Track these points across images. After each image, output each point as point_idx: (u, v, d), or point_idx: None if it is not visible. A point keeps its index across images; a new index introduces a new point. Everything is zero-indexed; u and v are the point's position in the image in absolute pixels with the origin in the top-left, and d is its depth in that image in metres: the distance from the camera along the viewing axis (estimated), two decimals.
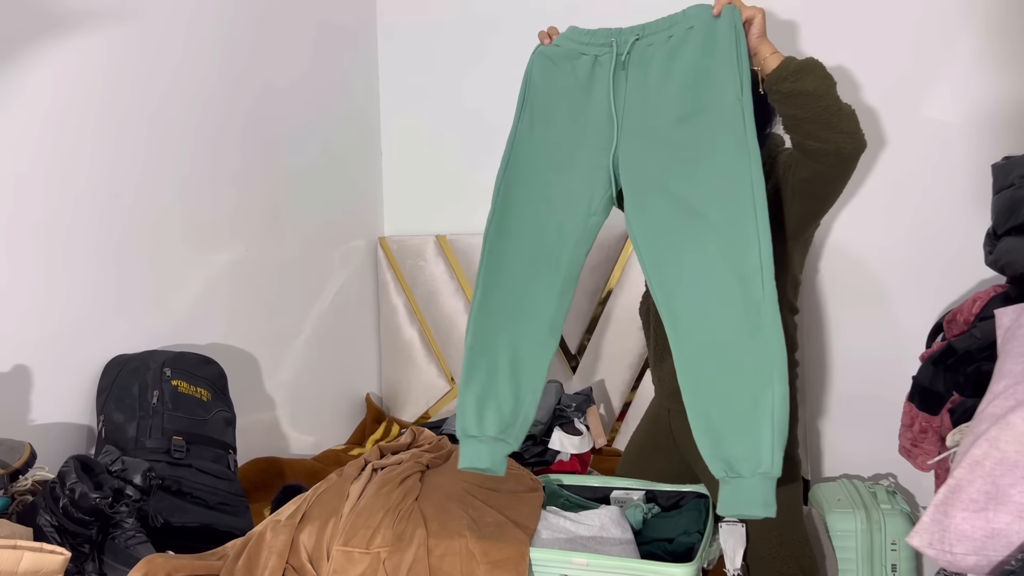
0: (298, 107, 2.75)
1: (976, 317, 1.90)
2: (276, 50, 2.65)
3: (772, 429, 1.51)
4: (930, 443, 1.98)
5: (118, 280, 2.10)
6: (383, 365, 3.19)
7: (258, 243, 2.57)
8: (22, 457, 1.67)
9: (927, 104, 2.49)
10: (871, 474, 2.55)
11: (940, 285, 2.46)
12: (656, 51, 1.74)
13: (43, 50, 1.90)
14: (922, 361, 2.02)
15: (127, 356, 2.06)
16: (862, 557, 2.15)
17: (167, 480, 1.90)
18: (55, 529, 1.59)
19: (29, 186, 1.88)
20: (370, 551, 1.71)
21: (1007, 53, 2.40)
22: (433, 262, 3.08)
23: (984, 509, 1.21)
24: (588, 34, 1.85)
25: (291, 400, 2.69)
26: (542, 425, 2.38)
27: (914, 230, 2.51)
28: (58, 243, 1.95)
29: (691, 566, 1.66)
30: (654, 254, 1.67)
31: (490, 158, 3.07)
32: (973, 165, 2.39)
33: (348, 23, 3.05)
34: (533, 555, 1.71)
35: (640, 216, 1.69)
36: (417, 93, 3.14)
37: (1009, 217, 1.87)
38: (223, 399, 2.19)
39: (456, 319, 3.05)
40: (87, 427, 2.02)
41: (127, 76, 2.11)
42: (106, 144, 2.06)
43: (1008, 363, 1.45)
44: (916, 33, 2.49)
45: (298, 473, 2.44)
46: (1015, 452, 1.23)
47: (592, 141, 1.76)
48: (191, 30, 2.31)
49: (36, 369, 1.89)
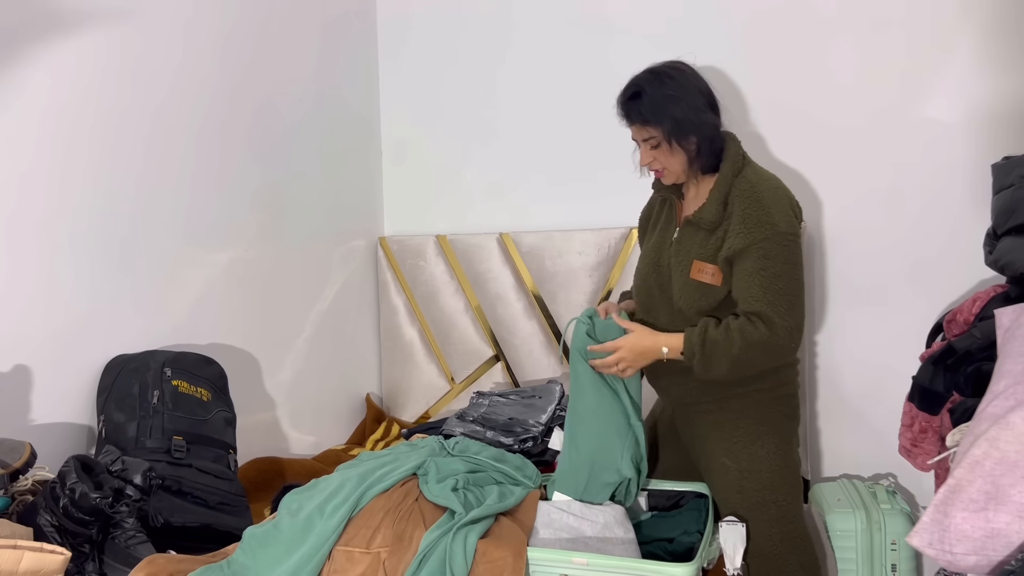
0: (298, 107, 2.75)
1: (976, 317, 1.90)
2: (277, 51, 2.65)
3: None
4: (930, 443, 1.98)
5: (118, 280, 2.10)
6: (383, 365, 3.19)
7: (258, 243, 2.57)
8: (22, 457, 1.67)
9: (927, 104, 2.49)
10: (871, 474, 2.55)
11: (940, 285, 2.46)
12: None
13: (45, 50, 1.90)
14: (922, 361, 2.02)
15: (127, 356, 2.06)
16: (862, 557, 2.15)
17: (167, 480, 1.90)
18: (55, 529, 1.59)
19: (30, 186, 1.88)
20: (370, 551, 1.71)
21: (1006, 53, 2.40)
22: (433, 262, 3.08)
23: (984, 509, 1.21)
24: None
25: (291, 400, 2.69)
26: (542, 425, 2.39)
27: (914, 230, 2.51)
28: (58, 244, 1.95)
29: (691, 566, 1.66)
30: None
31: (490, 158, 3.10)
32: (973, 165, 2.39)
33: (349, 24, 3.04)
34: (533, 555, 1.71)
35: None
36: (417, 93, 3.14)
37: (1009, 217, 1.87)
38: (223, 399, 2.19)
39: (456, 319, 3.05)
40: (87, 427, 2.02)
41: (128, 76, 2.11)
42: (106, 144, 2.06)
43: (1008, 363, 1.45)
44: (916, 33, 2.49)
45: (298, 473, 2.43)
46: (1015, 452, 1.23)
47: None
48: (192, 31, 2.31)
49: (36, 369, 1.89)
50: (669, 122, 1.86)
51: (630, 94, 1.90)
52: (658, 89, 1.87)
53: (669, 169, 1.93)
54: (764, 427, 1.95)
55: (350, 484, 1.83)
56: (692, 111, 1.87)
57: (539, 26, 2.93)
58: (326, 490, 1.83)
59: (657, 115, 1.86)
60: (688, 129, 1.87)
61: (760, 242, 1.81)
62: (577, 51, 2.87)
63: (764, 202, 1.84)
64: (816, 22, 2.58)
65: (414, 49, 3.13)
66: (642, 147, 1.93)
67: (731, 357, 1.80)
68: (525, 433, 2.34)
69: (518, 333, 2.97)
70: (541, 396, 2.58)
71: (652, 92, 1.87)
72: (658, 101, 1.86)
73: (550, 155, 2.93)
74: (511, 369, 2.99)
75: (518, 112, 2.98)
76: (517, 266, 2.96)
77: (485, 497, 1.85)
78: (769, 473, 1.93)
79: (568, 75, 2.89)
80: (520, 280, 2.96)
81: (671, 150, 1.89)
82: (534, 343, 2.95)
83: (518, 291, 2.97)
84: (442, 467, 1.93)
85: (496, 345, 3.01)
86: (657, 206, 2.12)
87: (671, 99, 1.86)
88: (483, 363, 3.04)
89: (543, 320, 2.94)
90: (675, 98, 1.86)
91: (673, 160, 1.91)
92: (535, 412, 2.48)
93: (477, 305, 3.02)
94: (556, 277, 2.90)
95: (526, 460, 2.11)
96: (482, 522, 1.76)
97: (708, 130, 1.89)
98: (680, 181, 1.97)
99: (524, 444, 2.30)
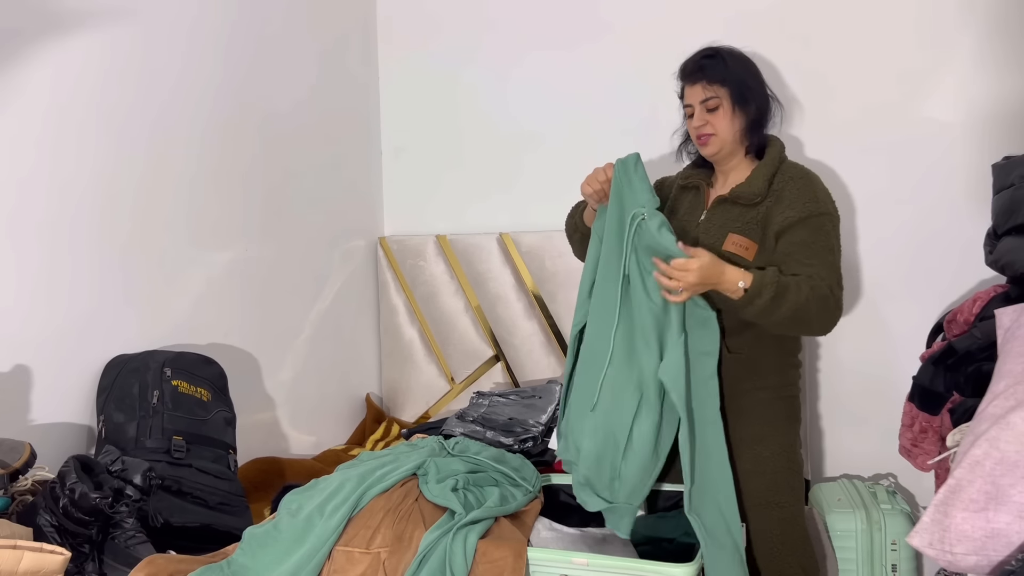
0: (299, 107, 2.75)
1: (976, 317, 1.90)
2: (278, 52, 2.65)
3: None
4: (930, 443, 1.98)
5: (119, 280, 2.10)
6: (383, 365, 3.19)
7: (258, 243, 2.57)
8: (22, 457, 1.67)
9: (927, 104, 2.49)
10: (871, 474, 2.55)
11: (940, 285, 2.46)
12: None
13: (45, 50, 1.90)
14: (922, 361, 2.02)
15: (127, 356, 2.06)
16: (862, 557, 2.15)
17: (167, 480, 1.90)
18: (55, 529, 1.59)
19: (31, 187, 1.88)
20: (370, 551, 1.71)
21: (1007, 53, 2.40)
22: (433, 262, 3.08)
23: (984, 509, 1.21)
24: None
25: (291, 400, 2.69)
26: (542, 425, 2.39)
27: (914, 230, 2.51)
28: (59, 244, 1.95)
29: (691, 566, 1.66)
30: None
31: (489, 158, 3.10)
32: (973, 165, 2.39)
33: (349, 24, 3.04)
34: (533, 555, 1.71)
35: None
36: (417, 93, 3.14)
37: (1009, 217, 1.87)
38: (223, 399, 2.19)
39: (456, 319, 3.05)
40: (87, 427, 2.02)
41: (129, 77, 2.11)
42: (107, 145, 2.06)
43: (1008, 363, 1.45)
44: (916, 33, 2.49)
45: (298, 473, 2.43)
46: (1015, 452, 1.23)
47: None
48: (193, 31, 2.31)
49: (36, 369, 1.89)
50: (737, 84, 1.95)
51: (706, 54, 1.98)
52: (731, 56, 1.98)
53: (720, 135, 1.96)
54: (768, 428, 1.95)
55: (350, 484, 1.83)
56: (757, 83, 1.99)
57: (539, 26, 2.93)
58: (326, 490, 1.83)
59: (729, 74, 1.95)
60: (752, 97, 1.96)
61: (816, 216, 1.89)
62: (577, 51, 2.87)
63: (816, 184, 1.95)
64: (815, 22, 2.58)
65: (414, 49, 3.13)
66: (697, 110, 1.97)
67: (796, 304, 1.79)
68: (525, 433, 2.34)
69: (518, 333, 2.97)
70: (541, 396, 2.58)
71: (726, 55, 1.97)
72: (732, 63, 1.97)
73: (550, 155, 2.93)
74: (511, 369, 2.99)
75: (518, 112, 2.98)
76: (517, 266, 2.96)
77: (485, 497, 1.85)
78: (772, 474, 1.93)
79: (568, 75, 2.89)
80: (520, 280, 2.96)
81: (731, 114, 1.95)
82: (534, 343, 2.95)
83: (518, 291, 2.97)
84: (442, 467, 1.93)
85: (496, 345, 3.01)
86: (676, 192, 2.13)
87: (743, 66, 1.98)
88: (483, 363, 3.04)
89: (543, 320, 2.94)
90: (746, 67, 1.99)
91: (727, 125, 1.96)
92: (535, 412, 2.48)
93: (477, 305, 3.02)
94: (556, 277, 2.90)
95: (526, 460, 2.11)
96: (482, 522, 1.76)
97: (766, 105, 2.00)
98: (722, 152, 1.99)
99: (524, 444, 2.30)
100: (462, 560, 1.65)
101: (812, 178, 1.96)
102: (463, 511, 1.75)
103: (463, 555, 1.66)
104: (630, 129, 2.76)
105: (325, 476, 1.93)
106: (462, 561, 1.65)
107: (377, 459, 2.00)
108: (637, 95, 2.77)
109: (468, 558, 1.66)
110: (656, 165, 2.34)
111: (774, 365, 1.98)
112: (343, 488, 1.83)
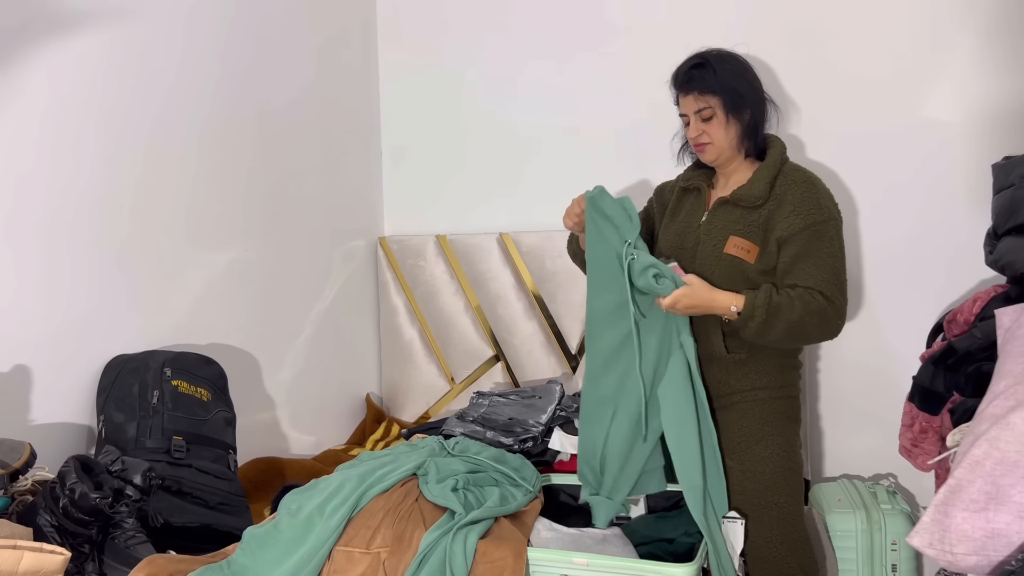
0: (299, 107, 2.75)
1: (976, 317, 1.90)
2: (277, 51, 2.65)
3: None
4: (930, 443, 1.98)
5: (118, 281, 2.10)
6: (383, 365, 3.19)
7: (258, 243, 2.57)
8: (22, 457, 1.67)
9: (927, 104, 2.49)
10: (871, 474, 2.55)
11: (940, 285, 2.46)
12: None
13: (45, 50, 1.90)
14: (922, 361, 2.02)
15: (127, 356, 2.06)
16: (862, 557, 2.15)
17: (167, 480, 1.90)
18: (55, 529, 1.59)
19: (30, 186, 1.88)
20: (370, 551, 1.71)
21: (1007, 53, 2.40)
22: (433, 262, 3.08)
23: (984, 509, 1.21)
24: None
25: (291, 400, 2.69)
26: (542, 425, 2.39)
27: (914, 230, 2.51)
28: (59, 244, 1.95)
29: (691, 566, 1.66)
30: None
31: (489, 158, 3.09)
32: (973, 165, 2.39)
33: (349, 24, 3.04)
34: (533, 555, 1.71)
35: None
36: (417, 94, 3.14)
37: (1009, 217, 1.87)
38: (223, 399, 2.19)
39: (456, 319, 3.05)
40: (87, 427, 2.02)
41: (129, 77, 2.11)
42: (107, 144, 2.06)
43: (1008, 363, 1.45)
44: (916, 33, 2.49)
45: (298, 473, 2.43)
46: (1015, 452, 1.23)
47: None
48: (192, 31, 2.31)
49: (36, 369, 1.89)
50: (729, 93, 1.93)
51: (694, 63, 1.97)
52: (721, 63, 1.96)
53: (716, 143, 1.96)
54: (768, 428, 1.95)
55: (350, 484, 1.83)
56: (750, 88, 1.97)
57: (539, 26, 2.93)
58: (326, 490, 1.83)
59: (720, 83, 1.93)
60: (745, 104, 1.95)
61: (819, 224, 1.89)
62: (577, 51, 2.87)
63: (819, 188, 1.94)
64: (814, 22, 2.58)
65: (414, 49, 3.13)
66: (692, 120, 1.98)
67: (790, 323, 1.82)
68: (525, 433, 2.34)
69: (518, 333, 2.97)
70: (541, 396, 2.58)
71: (716, 63, 1.95)
72: (721, 72, 1.94)
73: (550, 155, 2.93)
74: (511, 369, 2.99)
75: (519, 112, 2.98)
76: (517, 266, 2.96)
77: (485, 497, 1.85)
78: (772, 474, 1.93)
79: (569, 75, 2.89)
80: (520, 280, 2.96)
81: (725, 123, 1.95)
82: (534, 343, 2.95)
83: (518, 291, 2.97)
84: (442, 467, 1.93)
85: (496, 345, 3.01)
86: (677, 194, 2.13)
87: (733, 73, 1.95)
88: (483, 363, 3.04)
89: (543, 320, 2.94)
90: (737, 73, 1.96)
91: (723, 134, 1.95)
92: (535, 412, 2.48)
93: (477, 305, 3.02)
94: (556, 277, 2.90)
95: (526, 460, 2.11)
96: (482, 522, 1.76)
97: (762, 109, 1.98)
98: (721, 159, 1.99)
99: (524, 444, 2.30)
100: (462, 560, 1.65)
101: (814, 182, 1.95)
102: (463, 511, 1.75)
103: (463, 555, 1.66)
104: (630, 131, 2.76)
105: (325, 476, 1.93)
106: (462, 561, 1.65)
107: (377, 459, 2.00)
108: (637, 98, 2.77)
109: (468, 558, 1.66)
110: (657, 170, 2.35)
111: (774, 366, 1.98)
112: (343, 488, 1.82)
